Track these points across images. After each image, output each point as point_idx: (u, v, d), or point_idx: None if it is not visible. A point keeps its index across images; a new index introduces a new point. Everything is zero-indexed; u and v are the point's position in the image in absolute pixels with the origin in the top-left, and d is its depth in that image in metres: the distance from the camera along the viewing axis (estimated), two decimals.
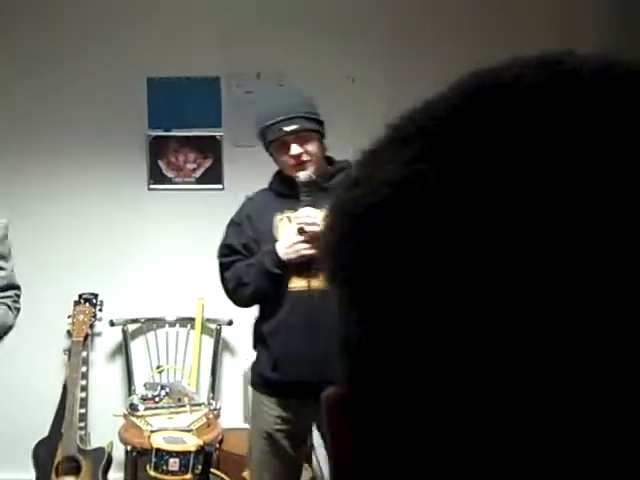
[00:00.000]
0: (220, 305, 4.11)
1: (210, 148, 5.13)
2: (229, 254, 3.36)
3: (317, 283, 3.15)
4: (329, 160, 3.41)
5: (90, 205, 5.07)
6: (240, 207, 3.47)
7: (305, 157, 3.23)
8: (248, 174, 4.06)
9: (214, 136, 5.10)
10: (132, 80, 5.04)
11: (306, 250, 3.15)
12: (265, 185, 3.48)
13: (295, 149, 3.22)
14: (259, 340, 3.37)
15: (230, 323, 4.91)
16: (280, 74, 4.97)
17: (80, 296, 4.77)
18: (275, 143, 3.27)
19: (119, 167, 5.09)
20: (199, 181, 5.16)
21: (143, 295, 5.06)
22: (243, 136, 4.81)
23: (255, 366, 3.43)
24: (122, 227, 5.07)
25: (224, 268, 3.37)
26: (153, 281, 5.05)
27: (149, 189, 5.15)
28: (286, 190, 3.32)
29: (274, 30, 4.99)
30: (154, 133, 5.12)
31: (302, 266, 3.18)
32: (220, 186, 5.11)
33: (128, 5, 5.02)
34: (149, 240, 5.07)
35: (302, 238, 3.16)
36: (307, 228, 3.15)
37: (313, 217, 3.15)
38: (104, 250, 5.05)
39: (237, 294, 3.34)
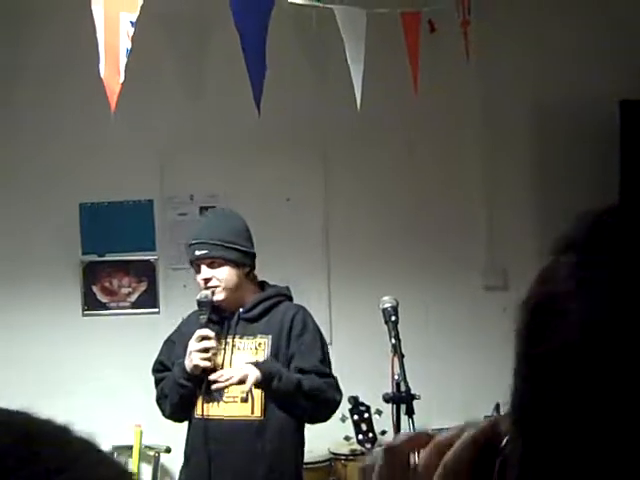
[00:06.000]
0: (158, 432, 4.01)
1: (145, 272, 5.10)
2: (161, 370, 3.54)
3: (216, 411, 3.34)
4: (262, 285, 3.58)
5: (24, 333, 4.97)
6: (178, 325, 3.64)
7: (214, 282, 3.40)
8: (184, 296, 4.02)
9: (148, 260, 5.08)
10: (64, 206, 5.02)
11: (199, 360, 3.28)
12: None
13: (204, 272, 3.41)
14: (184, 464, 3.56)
15: (168, 450, 4.76)
16: (213, 196, 5.00)
17: None
18: (193, 263, 3.49)
19: (53, 294, 5.01)
20: (134, 305, 5.10)
21: (78, 424, 4.89)
22: (178, 259, 4.79)
23: None
24: (56, 355, 4.96)
25: (156, 383, 3.54)
26: (89, 410, 4.91)
27: (83, 315, 5.07)
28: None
29: (208, 153, 5.03)
30: (88, 259, 5.08)
31: (206, 391, 3.32)
32: (156, 310, 5.05)
33: (61, 130, 5.04)
34: (84, 367, 4.95)
35: (197, 347, 3.29)
36: (201, 344, 3.30)
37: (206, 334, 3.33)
38: (38, 379, 4.91)
39: (162, 406, 3.51)
